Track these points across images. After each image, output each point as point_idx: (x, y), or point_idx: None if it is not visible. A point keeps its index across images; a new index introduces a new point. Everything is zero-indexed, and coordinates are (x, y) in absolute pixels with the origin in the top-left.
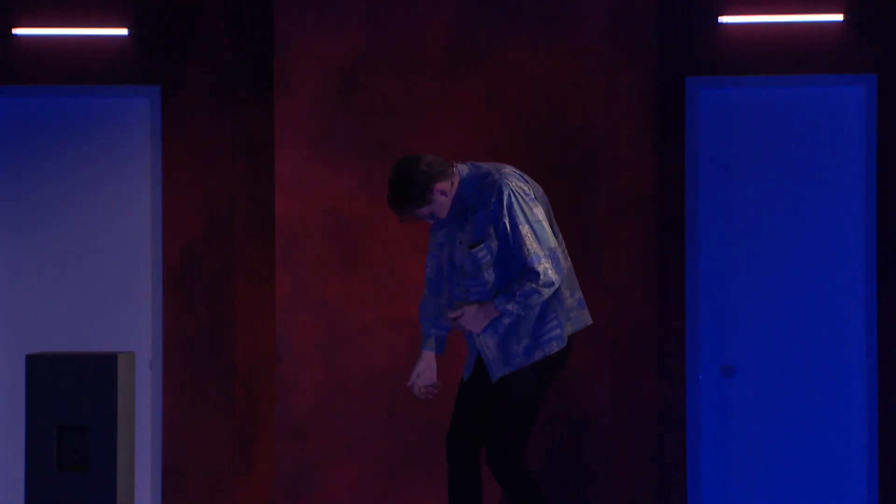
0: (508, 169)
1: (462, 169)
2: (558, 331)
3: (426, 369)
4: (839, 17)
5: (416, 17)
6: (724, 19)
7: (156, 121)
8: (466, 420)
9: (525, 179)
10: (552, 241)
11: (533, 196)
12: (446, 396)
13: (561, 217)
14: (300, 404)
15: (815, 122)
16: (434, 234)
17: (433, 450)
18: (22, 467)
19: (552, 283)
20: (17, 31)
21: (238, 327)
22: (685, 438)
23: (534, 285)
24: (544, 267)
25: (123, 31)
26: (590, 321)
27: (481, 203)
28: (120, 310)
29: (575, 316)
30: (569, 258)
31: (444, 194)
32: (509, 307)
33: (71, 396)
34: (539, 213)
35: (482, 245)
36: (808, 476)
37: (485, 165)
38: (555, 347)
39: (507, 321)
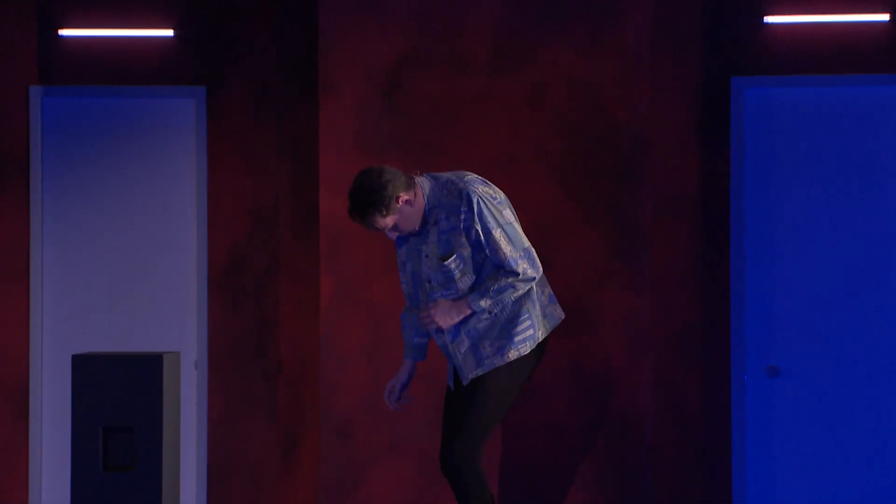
0: (471, 176)
1: (422, 182)
2: (531, 331)
3: (403, 377)
4: (885, 18)
5: (459, 18)
6: (769, 19)
7: (201, 121)
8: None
9: (488, 184)
10: (525, 242)
11: (499, 199)
12: None
13: (605, 217)
14: (344, 404)
15: (861, 121)
16: (398, 252)
17: None
18: (68, 468)
19: (531, 279)
20: (64, 32)
21: (282, 327)
22: (730, 440)
23: (510, 280)
24: (523, 267)
25: (169, 32)
26: (563, 315)
27: (446, 214)
28: (165, 310)
29: (549, 313)
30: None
31: (409, 204)
32: (482, 303)
33: (116, 397)
34: (508, 215)
35: (454, 255)
36: (854, 478)
37: (444, 175)
38: (528, 348)
39: (480, 325)
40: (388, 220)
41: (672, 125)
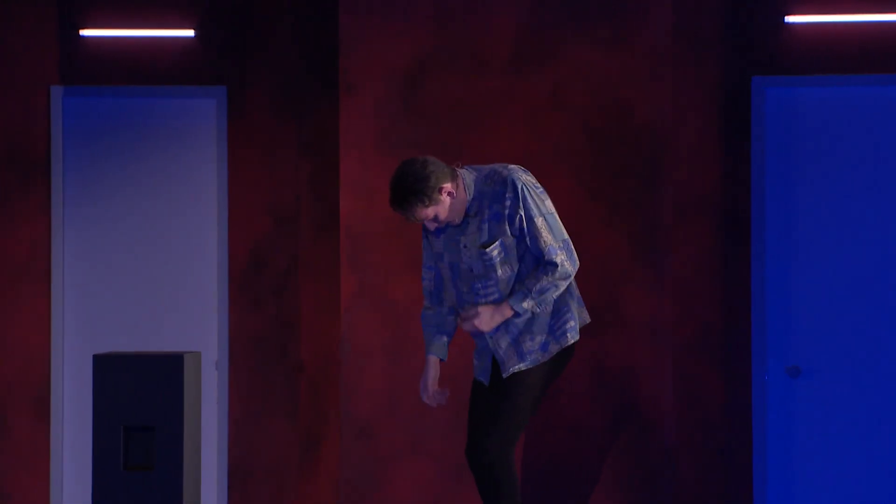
0: (513, 165)
1: (464, 173)
2: (572, 322)
3: (434, 376)
4: None
5: (480, 17)
6: (790, 19)
7: (222, 121)
8: (480, 423)
9: (529, 174)
10: (564, 233)
11: (541, 189)
12: None
13: (627, 216)
14: (365, 404)
15: (882, 121)
16: (430, 245)
17: None
18: (89, 467)
19: (568, 275)
20: (85, 32)
21: (303, 327)
22: (751, 439)
23: (550, 278)
24: (561, 258)
25: (190, 33)
26: (588, 319)
27: (490, 202)
28: (186, 310)
29: (578, 313)
30: None
31: (451, 195)
32: (525, 305)
33: (137, 396)
34: (550, 205)
35: (496, 243)
36: (876, 478)
37: (485, 167)
38: (569, 339)
39: (520, 320)
40: (430, 211)
41: (693, 125)
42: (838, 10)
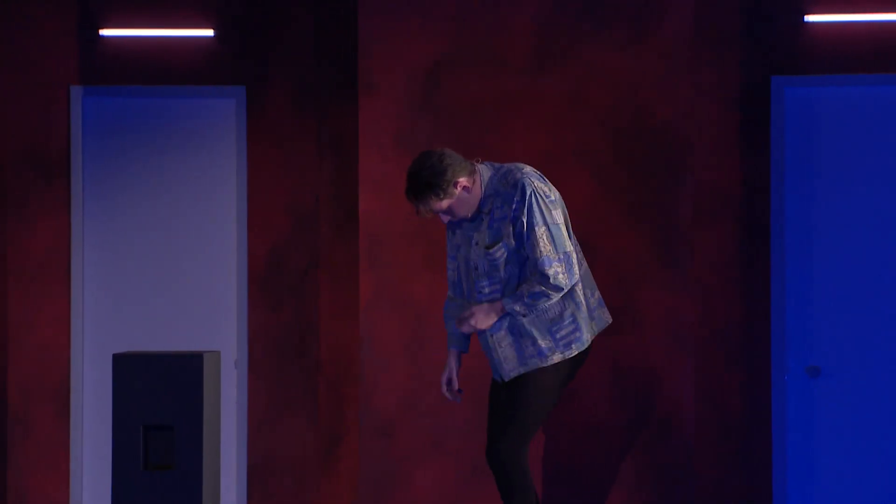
0: (529, 169)
1: (482, 169)
2: (578, 333)
3: (454, 369)
4: None
5: (499, 17)
6: (810, 18)
7: (241, 121)
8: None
9: (544, 181)
10: (568, 246)
11: (553, 198)
12: None
13: (646, 217)
14: (385, 403)
15: None
16: (451, 237)
17: None
18: (108, 466)
19: (561, 288)
20: (104, 32)
21: (322, 326)
22: (771, 440)
23: (542, 288)
24: (555, 270)
25: (209, 32)
26: (610, 319)
27: (500, 202)
28: (206, 309)
29: (598, 316)
30: (584, 260)
31: (466, 190)
32: (516, 307)
33: (157, 395)
34: (557, 216)
35: (500, 244)
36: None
37: (504, 165)
38: (574, 351)
39: (520, 322)
40: (444, 204)
41: (713, 124)
42: (858, 9)
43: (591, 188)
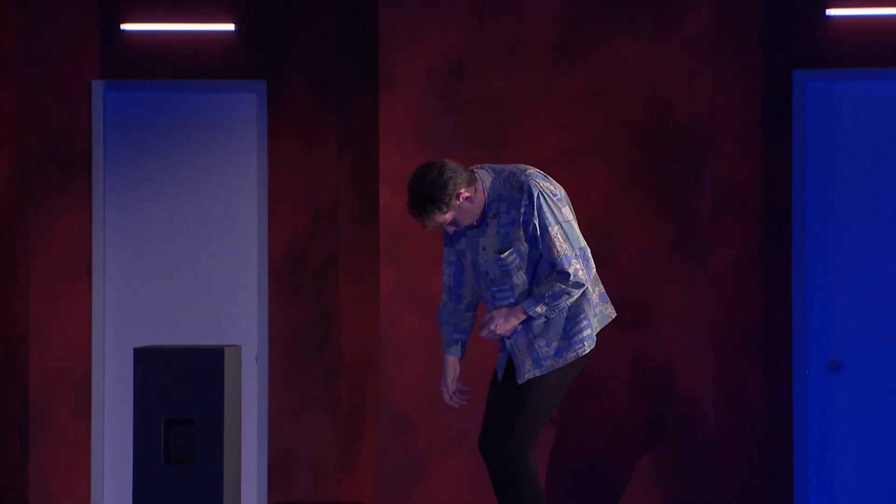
0: (532, 170)
1: (483, 175)
2: (588, 331)
3: (453, 376)
4: None
5: (520, 13)
6: (831, 12)
7: (262, 116)
8: (497, 422)
9: (549, 179)
10: (582, 241)
11: (559, 196)
12: None
13: (667, 212)
14: (405, 399)
15: None
16: (453, 242)
17: (537, 445)
18: (130, 460)
19: (582, 284)
20: (126, 26)
21: (342, 321)
22: (791, 435)
23: (563, 286)
24: (574, 268)
25: (230, 27)
26: (614, 314)
27: (507, 206)
28: (226, 304)
29: (600, 311)
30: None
31: (468, 201)
32: (538, 309)
33: (178, 390)
34: (567, 213)
35: (511, 249)
36: None
37: (505, 168)
38: (586, 348)
39: (538, 323)
40: (447, 217)
41: (733, 119)
42: (879, 3)
43: (612, 183)
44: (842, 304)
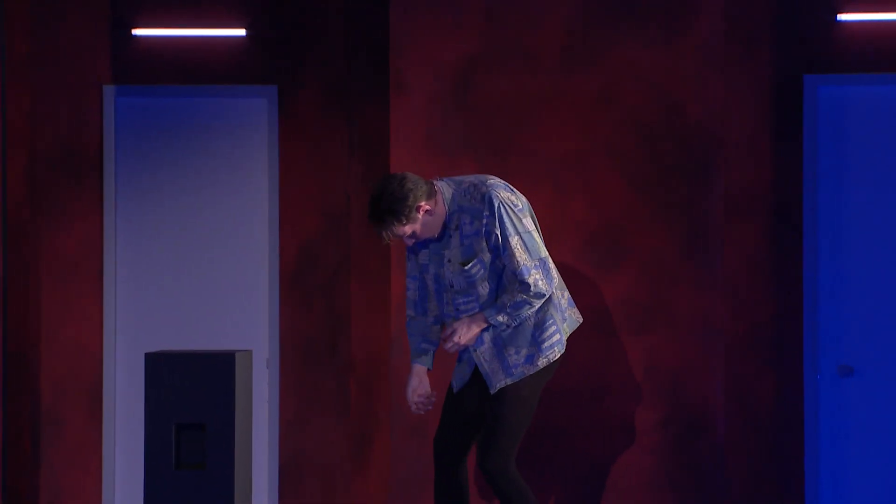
0: (493, 180)
1: (443, 187)
2: (558, 336)
3: (419, 384)
4: None
5: (531, 15)
6: (842, 17)
7: (273, 120)
8: (455, 429)
9: (511, 190)
10: (542, 251)
11: (521, 206)
12: (553, 402)
13: (678, 215)
14: None
15: None
16: (414, 256)
17: (545, 448)
18: (141, 465)
19: (543, 294)
20: (137, 31)
21: (353, 326)
22: (803, 439)
23: (524, 296)
24: (534, 278)
25: (241, 32)
26: (581, 319)
27: (470, 218)
28: (237, 308)
29: (569, 316)
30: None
31: (428, 213)
32: (500, 318)
33: (189, 395)
34: (528, 223)
35: (475, 260)
36: None
37: (466, 179)
38: (556, 353)
39: (504, 332)
40: (407, 229)
41: (744, 123)
42: (891, 7)
43: (623, 186)
44: (853, 309)
